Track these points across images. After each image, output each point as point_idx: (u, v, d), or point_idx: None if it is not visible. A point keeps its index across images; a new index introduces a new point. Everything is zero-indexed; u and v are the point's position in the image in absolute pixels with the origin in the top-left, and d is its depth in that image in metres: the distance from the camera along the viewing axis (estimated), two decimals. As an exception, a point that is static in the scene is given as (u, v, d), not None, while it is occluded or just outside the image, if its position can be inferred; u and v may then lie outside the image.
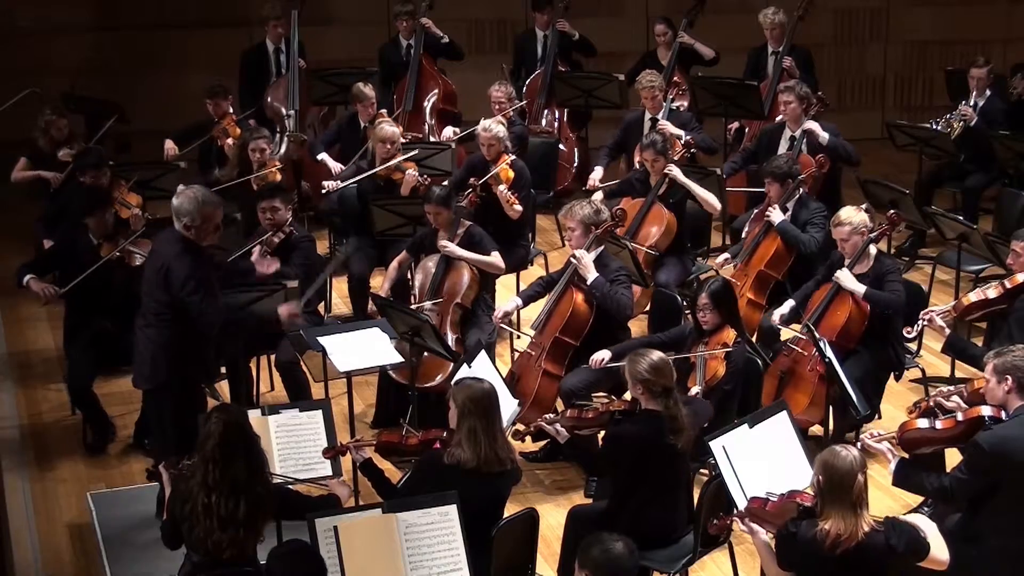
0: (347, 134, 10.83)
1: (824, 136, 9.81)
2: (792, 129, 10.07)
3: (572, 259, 7.91)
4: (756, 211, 9.24)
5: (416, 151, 10.03)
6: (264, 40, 12.07)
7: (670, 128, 10.41)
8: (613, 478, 6.36)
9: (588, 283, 7.80)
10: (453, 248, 8.41)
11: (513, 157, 9.70)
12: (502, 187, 9.40)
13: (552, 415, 6.59)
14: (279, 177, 9.86)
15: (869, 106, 14.68)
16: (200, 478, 5.56)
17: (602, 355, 7.61)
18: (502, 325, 8.29)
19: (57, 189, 10.29)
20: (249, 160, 9.81)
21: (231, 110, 10.86)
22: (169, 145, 10.82)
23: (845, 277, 7.81)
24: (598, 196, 9.42)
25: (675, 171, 9.18)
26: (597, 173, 10.56)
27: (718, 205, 9.46)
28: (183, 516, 5.62)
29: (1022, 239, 7.66)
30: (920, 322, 7.54)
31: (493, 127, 9.64)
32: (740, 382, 7.36)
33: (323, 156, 10.80)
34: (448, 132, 11.32)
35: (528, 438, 7.66)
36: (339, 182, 9.85)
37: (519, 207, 9.43)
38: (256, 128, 10.11)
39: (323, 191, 10.06)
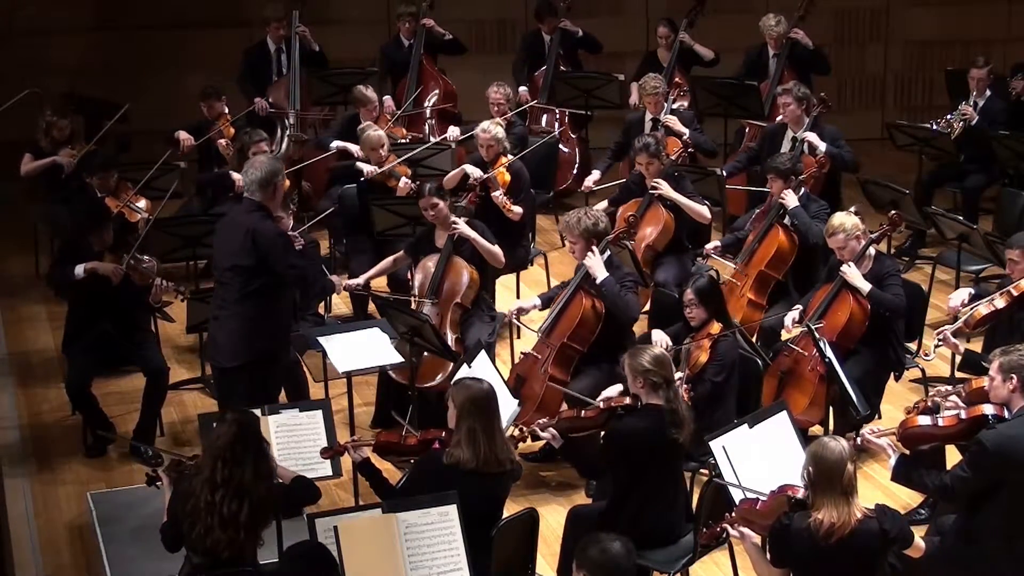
0: (347, 135, 10.82)
1: (821, 148, 9.76)
2: (794, 131, 10.04)
3: (583, 264, 7.87)
4: (757, 211, 9.24)
5: (416, 151, 10.05)
6: (265, 39, 12.07)
7: (675, 125, 10.40)
8: (613, 475, 6.35)
9: (598, 282, 7.77)
10: (463, 227, 8.38)
11: (511, 158, 9.70)
12: (497, 192, 9.40)
13: (546, 419, 6.58)
14: (287, 183, 9.85)
15: (869, 106, 14.68)
16: (207, 475, 5.56)
17: (662, 338, 7.56)
18: (513, 320, 8.21)
19: (64, 184, 10.28)
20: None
21: (226, 110, 10.86)
22: (184, 136, 10.77)
23: (852, 273, 7.81)
24: (602, 205, 9.41)
25: (664, 187, 9.16)
26: (594, 176, 10.57)
27: (708, 215, 9.43)
28: (184, 514, 5.62)
29: (1017, 246, 7.65)
30: (935, 342, 7.54)
31: (492, 128, 9.65)
32: (732, 375, 7.35)
33: (336, 143, 10.76)
34: (454, 132, 11.31)
35: (528, 437, 7.70)
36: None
37: (518, 209, 9.43)
38: (253, 131, 10.13)
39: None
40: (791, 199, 8.80)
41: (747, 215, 9.72)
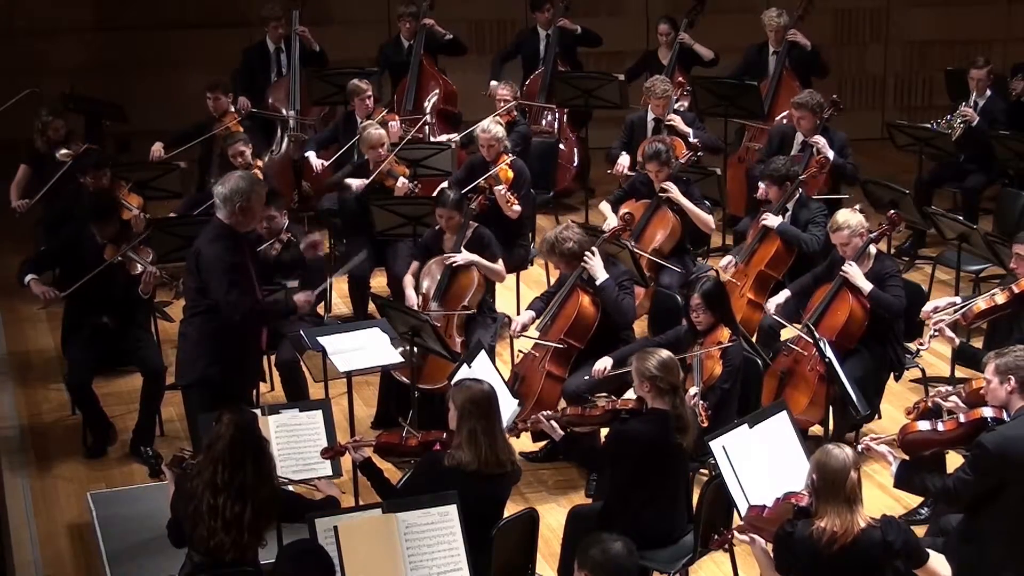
0: (344, 133, 10.82)
1: (829, 155, 9.72)
2: (806, 135, 9.96)
3: (583, 260, 7.87)
4: (759, 212, 9.24)
5: (415, 151, 10.04)
6: (265, 39, 12.08)
7: (679, 125, 10.38)
8: (613, 473, 6.34)
9: (598, 283, 7.78)
10: (465, 256, 8.38)
11: (513, 157, 9.69)
12: (500, 187, 9.39)
13: (550, 411, 6.58)
14: (258, 166, 9.88)
15: (869, 106, 14.68)
16: (208, 478, 5.55)
17: (604, 364, 7.60)
18: (524, 336, 8.20)
19: (55, 191, 10.27)
20: (234, 167, 9.76)
21: (232, 108, 10.85)
22: (155, 148, 10.73)
23: (854, 272, 7.80)
24: (604, 207, 9.40)
25: (673, 191, 9.15)
26: (624, 159, 10.44)
27: (712, 225, 9.43)
28: (186, 515, 5.61)
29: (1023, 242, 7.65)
30: (931, 331, 7.52)
31: (492, 128, 9.63)
32: (738, 380, 7.36)
33: (307, 153, 10.80)
34: (444, 138, 11.29)
35: (528, 436, 7.70)
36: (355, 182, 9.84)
37: (518, 207, 9.42)
38: (232, 134, 10.11)
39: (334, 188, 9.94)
40: (772, 220, 8.79)
41: (748, 217, 9.72)
